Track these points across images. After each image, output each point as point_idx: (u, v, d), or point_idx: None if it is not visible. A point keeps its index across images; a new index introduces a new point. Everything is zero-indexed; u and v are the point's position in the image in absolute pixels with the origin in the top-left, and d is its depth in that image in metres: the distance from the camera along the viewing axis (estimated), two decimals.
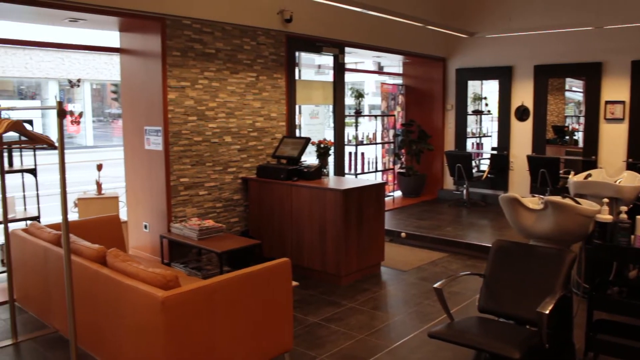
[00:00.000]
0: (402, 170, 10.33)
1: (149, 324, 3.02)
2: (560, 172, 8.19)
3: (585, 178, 5.52)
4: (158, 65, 5.69)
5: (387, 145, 10.23)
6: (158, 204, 5.93)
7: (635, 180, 5.45)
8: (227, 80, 6.26)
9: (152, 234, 6.09)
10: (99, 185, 6.16)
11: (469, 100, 10.18)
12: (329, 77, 8.14)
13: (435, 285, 3.56)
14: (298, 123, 7.46)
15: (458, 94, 10.11)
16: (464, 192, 9.44)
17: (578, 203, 4.31)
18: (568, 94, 9.78)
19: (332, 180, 6.11)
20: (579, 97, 9.71)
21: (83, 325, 3.57)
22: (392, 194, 10.21)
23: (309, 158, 6.57)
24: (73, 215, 5.81)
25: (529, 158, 8.56)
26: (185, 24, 5.81)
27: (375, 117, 10.22)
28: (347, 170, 8.66)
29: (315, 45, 7.48)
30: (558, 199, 4.33)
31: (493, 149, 10.21)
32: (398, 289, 5.54)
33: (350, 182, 6.12)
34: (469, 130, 10.37)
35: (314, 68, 10.56)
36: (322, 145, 6.58)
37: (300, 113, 7.72)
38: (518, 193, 4.68)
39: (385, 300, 5.27)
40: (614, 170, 7.76)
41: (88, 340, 3.63)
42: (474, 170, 9.49)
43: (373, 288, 5.52)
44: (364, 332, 4.44)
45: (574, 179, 5.51)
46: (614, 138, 8.43)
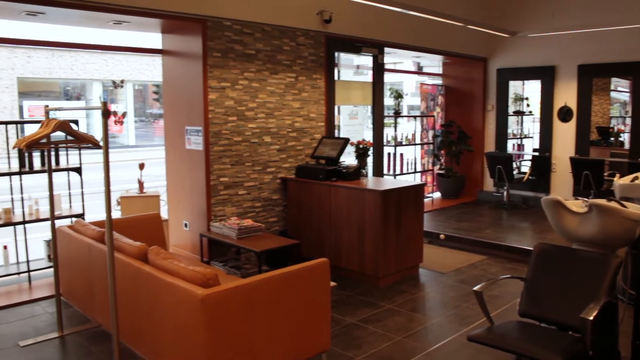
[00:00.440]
0: (441, 172, 10.24)
1: (189, 321, 3.07)
2: (605, 174, 7.98)
3: (632, 181, 5.37)
4: (199, 66, 5.77)
5: (426, 146, 10.15)
6: (198, 203, 6.01)
7: None
8: (266, 81, 6.31)
9: (192, 233, 6.17)
10: (141, 184, 6.28)
11: (510, 101, 10.01)
12: (368, 77, 8.11)
13: (475, 288, 3.52)
14: (337, 123, 7.46)
15: (499, 95, 9.96)
16: (505, 194, 9.29)
17: (624, 206, 4.20)
18: (613, 94, 9.52)
19: (370, 181, 6.10)
20: (625, 97, 9.45)
21: (125, 321, 3.65)
22: (431, 195, 10.12)
23: (348, 158, 6.56)
24: (116, 213, 5.94)
25: (572, 160, 8.37)
26: (226, 25, 5.88)
27: (415, 117, 10.15)
28: (385, 171, 8.62)
29: (355, 46, 7.47)
30: (603, 202, 4.22)
31: (534, 151, 10.03)
32: (436, 291, 5.49)
33: (389, 183, 6.09)
34: (510, 132, 10.21)
35: (353, 68, 10.54)
36: (361, 146, 6.58)
37: (339, 113, 7.71)
38: (560, 196, 4.59)
39: (424, 303, 5.23)
40: None
41: (129, 335, 3.71)
42: (515, 172, 9.32)
43: (411, 290, 5.49)
44: (402, 334, 4.41)
45: (620, 182, 5.36)
46: None
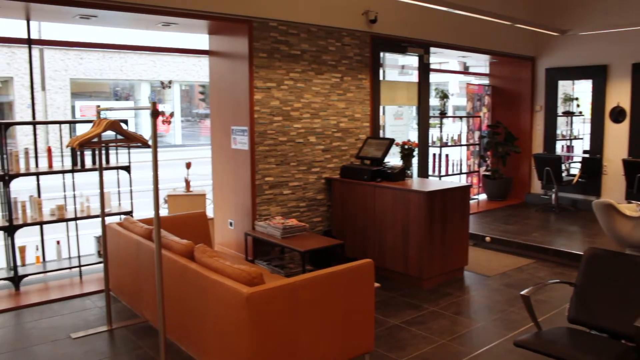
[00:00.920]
0: (487, 173, 10.07)
1: (234, 319, 3.10)
2: None
3: None
4: (245, 67, 5.83)
5: (472, 147, 10.01)
6: (243, 202, 6.07)
7: None
8: (312, 81, 6.33)
9: (236, 231, 6.24)
10: (188, 183, 6.38)
11: (559, 101, 9.78)
12: (413, 77, 8.05)
13: (523, 292, 3.44)
14: (382, 124, 7.43)
15: (547, 95, 9.74)
16: (553, 196, 9.08)
17: None
18: None
19: (415, 182, 6.05)
20: None
21: (170, 317, 3.72)
22: (476, 197, 9.98)
23: (393, 159, 6.53)
24: (163, 211, 6.06)
25: (625, 162, 8.12)
26: (272, 26, 5.92)
27: (460, 118, 10.03)
28: (430, 172, 8.54)
29: (400, 46, 7.42)
30: None
31: (585, 152, 9.75)
32: (482, 295, 5.41)
33: (434, 184, 6.03)
34: (559, 133, 9.97)
35: (398, 68, 10.48)
36: (406, 147, 6.53)
37: (384, 114, 7.68)
38: (612, 199, 4.46)
39: (468, 306, 5.15)
40: None
41: (175, 331, 3.77)
42: (564, 174, 9.10)
43: (456, 292, 5.42)
44: (446, 337, 4.36)
45: None
46: None
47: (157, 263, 3.39)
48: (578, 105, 10.11)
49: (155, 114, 3.26)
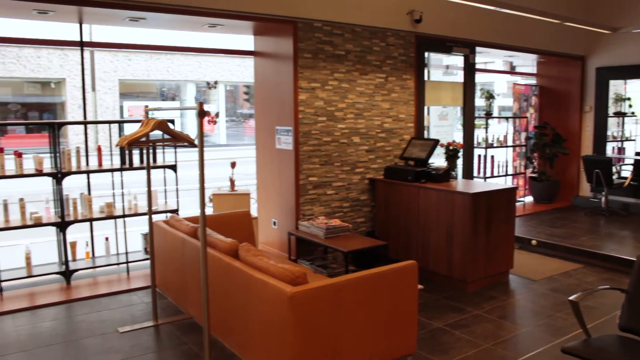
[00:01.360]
0: (534, 175, 9.87)
1: (277, 318, 3.12)
2: None
3: None
4: (290, 67, 5.87)
5: (518, 149, 9.83)
6: (287, 202, 6.11)
7: None
8: (356, 82, 6.32)
9: (280, 231, 6.29)
10: (232, 182, 6.46)
11: (610, 102, 9.51)
12: (457, 77, 7.96)
13: (571, 298, 3.36)
14: (426, 124, 7.36)
15: (598, 95, 9.48)
16: (603, 199, 8.83)
17: None
18: None
19: (460, 183, 5.97)
20: None
21: (215, 314, 3.77)
22: (522, 200, 9.79)
23: (437, 160, 6.47)
24: (208, 210, 6.15)
25: None
26: (316, 27, 5.94)
27: (507, 119, 9.85)
28: (475, 174, 8.42)
29: (445, 46, 7.35)
30: None
31: (637, 154, 9.46)
32: (527, 299, 5.30)
33: (480, 185, 5.94)
34: (610, 134, 9.69)
35: (442, 68, 10.38)
36: (451, 147, 6.46)
37: (429, 114, 7.61)
38: None
39: (513, 310, 5.06)
40: None
41: (219, 329, 3.83)
42: (615, 177, 8.84)
43: (501, 296, 5.33)
44: (490, 341, 4.29)
45: None
46: None
47: (202, 261, 3.43)
48: (630, 106, 9.81)
49: (202, 114, 3.30)
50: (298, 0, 5.70)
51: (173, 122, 5.49)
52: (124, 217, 5.72)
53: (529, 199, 9.94)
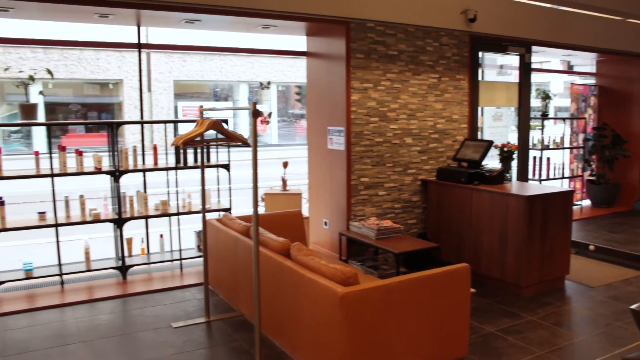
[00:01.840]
0: (592, 178, 9.57)
1: (328, 318, 3.13)
2: None
3: None
4: (342, 68, 5.87)
5: (575, 151, 9.55)
6: (338, 202, 6.11)
7: None
8: (409, 82, 6.27)
9: (331, 231, 6.30)
10: (284, 182, 6.51)
11: None
12: (512, 77, 7.79)
13: (633, 307, 3.23)
14: (480, 125, 7.24)
15: None
16: None
17: None
18: None
19: (514, 186, 5.85)
20: None
21: (265, 312, 3.80)
22: (579, 203, 9.51)
23: (491, 162, 6.35)
24: (260, 209, 6.21)
25: None
26: (369, 27, 5.93)
27: (563, 119, 9.59)
28: (530, 176, 8.24)
29: (501, 45, 7.20)
30: None
31: None
32: (584, 306, 5.14)
33: (535, 188, 5.80)
34: None
35: (496, 68, 10.17)
36: (505, 149, 6.33)
37: (483, 115, 7.48)
38: None
39: (569, 317, 4.91)
40: None
41: (270, 327, 3.86)
42: None
43: (556, 302, 5.18)
44: (545, 348, 4.18)
45: None
46: None
47: (254, 260, 3.47)
48: None
49: (256, 115, 3.33)
50: (351, 1, 5.69)
51: (226, 122, 5.58)
52: (178, 214, 5.83)
53: (587, 203, 9.65)
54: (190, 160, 5.90)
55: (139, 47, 5.98)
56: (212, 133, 4.41)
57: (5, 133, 20.31)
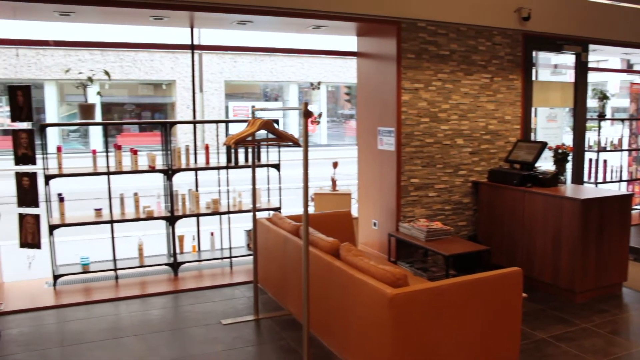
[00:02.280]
0: None
1: (377, 319, 3.12)
2: None
3: None
4: (393, 68, 5.84)
5: (634, 153, 9.22)
6: (388, 203, 6.09)
7: None
8: (460, 82, 6.19)
9: (380, 232, 6.27)
10: (334, 182, 6.52)
11: None
12: (567, 77, 7.58)
13: None
14: (533, 126, 7.08)
15: None
16: None
17: None
18: None
19: (569, 189, 5.69)
20: None
21: (314, 312, 3.82)
22: (638, 207, 9.18)
23: (545, 164, 6.20)
24: (310, 209, 6.23)
25: None
26: (420, 27, 5.87)
27: (622, 120, 9.27)
28: (586, 179, 7.99)
29: (556, 44, 7.02)
30: None
31: None
32: None
33: (590, 191, 5.64)
34: None
35: (550, 68, 9.94)
36: (560, 151, 6.17)
37: (536, 116, 7.31)
38: None
39: (627, 326, 4.75)
40: None
41: (318, 327, 3.87)
42: None
43: (612, 310, 5.02)
44: (600, 357, 4.05)
45: None
46: None
47: (304, 260, 3.49)
48: None
49: (307, 115, 3.35)
50: (402, 1, 5.65)
51: (277, 122, 5.63)
52: (229, 213, 5.92)
53: None
54: (241, 160, 5.98)
55: (192, 48, 6.10)
56: (263, 133, 4.45)
57: (65, 132, 21.06)
